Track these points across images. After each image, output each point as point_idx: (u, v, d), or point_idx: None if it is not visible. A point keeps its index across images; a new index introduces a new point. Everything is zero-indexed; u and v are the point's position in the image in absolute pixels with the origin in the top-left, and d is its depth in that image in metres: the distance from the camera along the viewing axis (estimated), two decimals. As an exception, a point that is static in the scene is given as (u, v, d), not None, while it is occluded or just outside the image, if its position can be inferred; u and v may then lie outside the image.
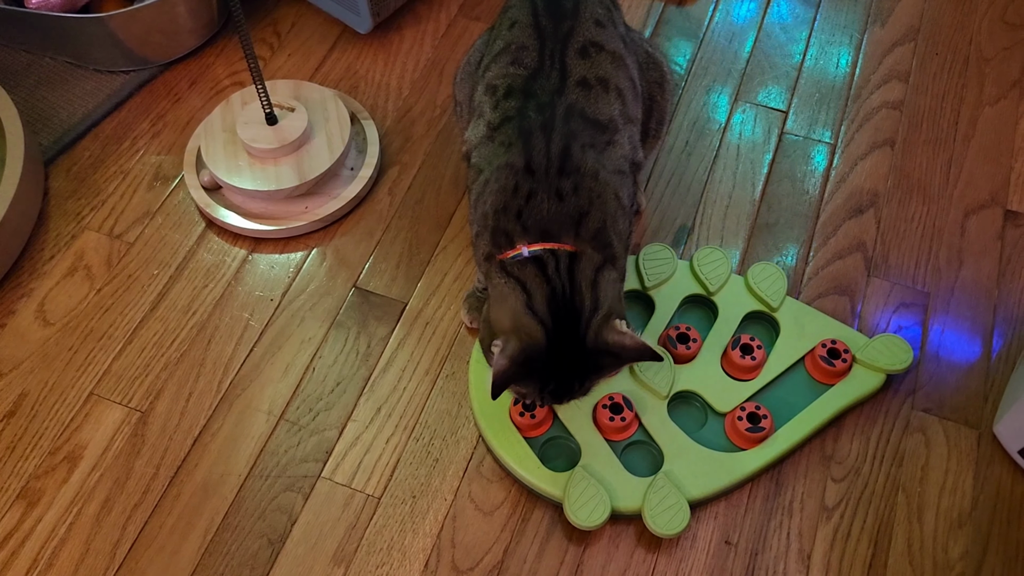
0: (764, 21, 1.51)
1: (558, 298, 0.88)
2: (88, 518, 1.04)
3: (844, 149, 1.35)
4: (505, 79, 0.97)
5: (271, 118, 1.25)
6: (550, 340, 0.87)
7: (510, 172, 0.92)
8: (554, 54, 0.96)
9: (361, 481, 1.06)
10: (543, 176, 0.91)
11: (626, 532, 1.02)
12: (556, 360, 0.88)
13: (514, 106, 0.95)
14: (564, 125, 0.93)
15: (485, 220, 0.94)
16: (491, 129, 0.96)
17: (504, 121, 0.95)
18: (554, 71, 0.95)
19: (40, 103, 1.40)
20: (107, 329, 1.18)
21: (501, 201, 0.92)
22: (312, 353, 1.16)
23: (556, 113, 0.93)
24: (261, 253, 1.25)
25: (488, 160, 0.96)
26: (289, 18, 1.53)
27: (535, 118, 0.93)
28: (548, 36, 0.97)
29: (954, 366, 1.14)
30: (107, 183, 1.32)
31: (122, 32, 1.38)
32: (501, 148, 0.94)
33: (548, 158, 0.91)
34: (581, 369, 0.90)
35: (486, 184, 0.95)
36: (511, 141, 0.94)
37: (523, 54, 0.97)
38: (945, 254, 1.24)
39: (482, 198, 0.95)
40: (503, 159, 0.93)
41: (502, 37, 1.01)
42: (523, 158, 0.92)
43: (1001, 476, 1.06)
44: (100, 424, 1.10)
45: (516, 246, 0.91)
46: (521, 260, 0.90)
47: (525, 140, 0.93)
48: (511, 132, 0.94)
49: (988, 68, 1.44)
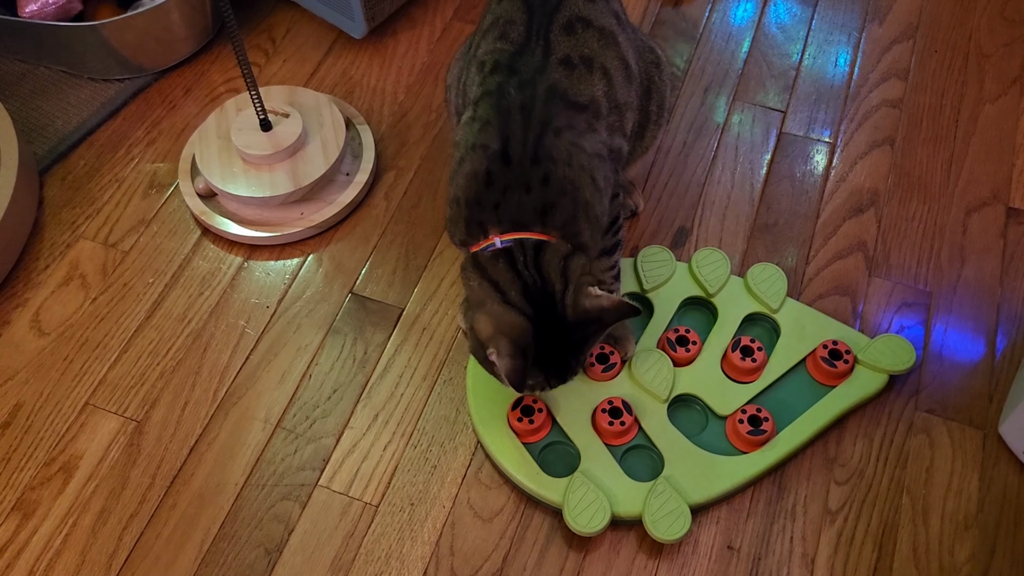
0: (761, 21, 1.50)
1: (531, 289, 0.91)
2: (84, 529, 1.03)
3: (844, 148, 1.34)
4: (492, 54, 0.96)
5: (265, 124, 1.25)
6: (535, 325, 0.89)
7: (483, 156, 0.92)
8: (540, 29, 0.94)
9: (359, 489, 1.05)
10: (518, 167, 0.91)
11: (627, 538, 1.01)
12: (546, 342, 0.90)
13: (496, 81, 0.94)
14: (544, 107, 0.92)
15: (458, 207, 0.94)
16: (473, 105, 0.96)
17: (484, 95, 0.94)
18: (538, 47, 0.94)
19: (35, 112, 1.40)
20: (102, 338, 1.17)
21: (474, 190, 0.92)
22: (308, 360, 1.15)
23: (536, 93, 0.92)
24: (257, 260, 1.25)
25: (466, 138, 0.95)
26: (284, 24, 1.52)
27: (515, 96, 0.92)
28: (536, 10, 0.95)
29: (958, 366, 1.13)
30: (102, 191, 1.32)
31: (116, 40, 1.38)
32: (477, 125, 0.93)
33: (524, 145, 0.91)
34: (571, 344, 0.92)
35: (460, 163, 0.94)
36: (488, 119, 0.93)
37: (510, 28, 0.96)
38: (947, 252, 1.23)
39: (455, 179, 0.95)
40: (478, 139, 0.93)
41: (491, 11, 1.00)
42: (499, 142, 0.91)
43: (1007, 477, 1.05)
44: (96, 434, 1.10)
45: (490, 236, 0.92)
46: (493, 254, 0.91)
47: (503, 120, 0.92)
48: (489, 109, 0.93)
49: (988, 65, 1.42)
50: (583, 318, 0.90)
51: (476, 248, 0.93)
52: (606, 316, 0.91)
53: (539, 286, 0.90)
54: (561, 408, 1.07)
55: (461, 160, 0.95)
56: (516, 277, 0.90)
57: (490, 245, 0.92)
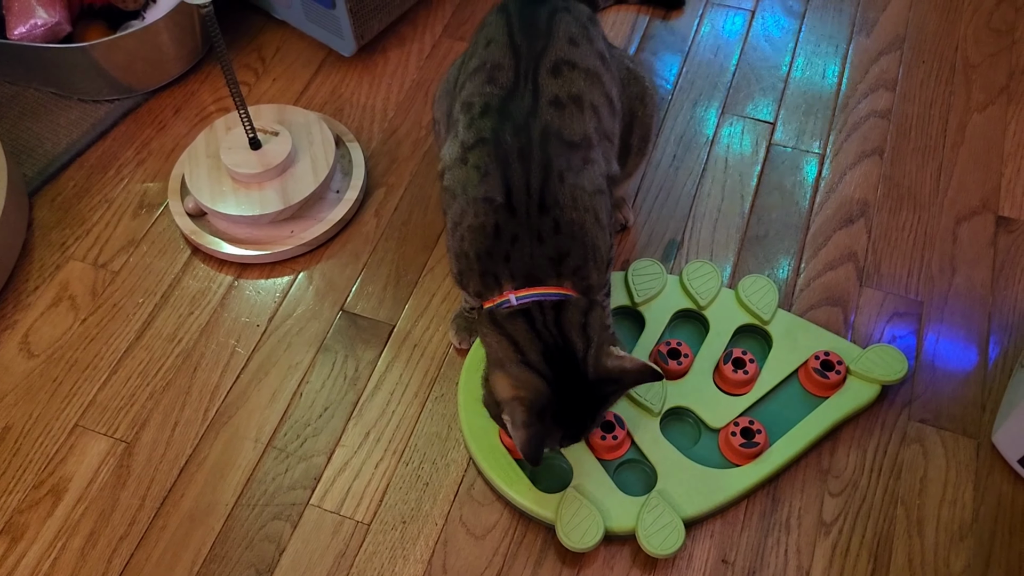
0: (749, 34, 1.51)
1: (551, 349, 0.89)
2: (73, 552, 1.02)
3: (833, 159, 1.34)
4: (481, 97, 0.96)
5: (255, 143, 1.25)
6: (554, 388, 0.88)
7: (489, 208, 0.91)
8: (528, 73, 0.95)
9: (350, 508, 1.04)
10: (524, 216, 0.90)
11: (620, 553, 1.00)
12: (565, 402, 0.88)
13: (489, 126, 0.93)
14: (541, 151, 0.91)
15: (468, 261, 0.93)
16: (464, 149, 0.95)
17: (479, 142, 0.94)
18: (527, 91, 0.94)
19: (24, 134, 1.40)
20: (92, 359, 1.17)
21: (484, 244, 0.92)
22: (299, 378, 1.15)
23: (532, 137, 0.92)
24: (247, 279, 1.24)
25: (462, 185, 0.94)
26: (274, 43, 1.52)
27: (511, 143, 0.92)
28: (523, 55, 0.96)
29: (950, 375, 1.13)
30: (92, 212, 1.31)
31: (105, 61, 1.38)
32: (476, 174, 0.93)
33: (528, 193, 0.90)
34: (589, 405, 0.90)
35: (462, 215, 0.93)
36: (487, 169, 0.92)
37: (498, 73, 0.96)
38: (938, 262, 1.23)
39: (458, 231, 0.94)
40: (479, 191, 0.92)
41: (478, 55, 1.00)
42: (502, 193, 0.91)
43: (1002, 486, 1.04)
44: (85, 456, 1.09)
45: (504, 291, 0.91)
46: (510, 312, 0.90)
47: (503, 170, 0.91)
48: (486, 158, 0.92)
49: (975, 74, 1.43)
50: (604, 378, 0.89)
51: (491, 304, 0.92)
52: (627, 378, 0.90)
53: (560, 346, 0.89)
54: (553, 423, 1.06)
55: (463, 212, 0.93)
56: (536, 337, 0.89)
57: (505, 302, 0.91)
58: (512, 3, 1.02)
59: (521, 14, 1.00)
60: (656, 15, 1.54)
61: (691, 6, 1.55)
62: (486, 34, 1.01)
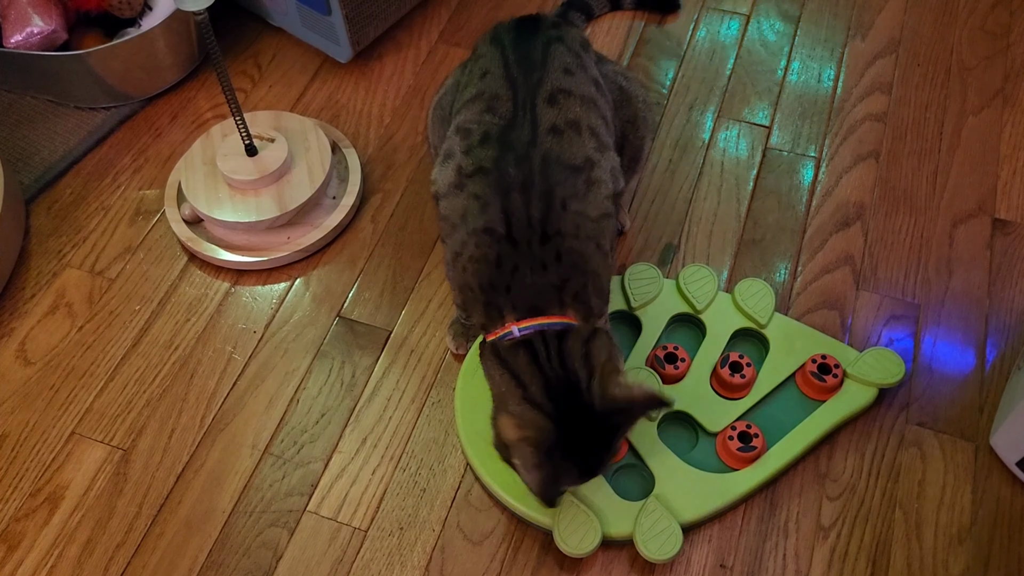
0: (745, 38, 1.51)
1: (553, 383, 0.87)
2: (70, 560, 1.02)
3: (829, 163, 1.34)
4: (480, 125, 0.95)
5: (251, 149, 1.25)
6: (559, 424, 0.85)
7: (491, 240, 0.90)
8: (525, 104, 0.95)
9: (347, 514, 1.04)
10: (526, 247, 0.90)
11: (618, 558, 1.00)
12: (574, 437, 0.86)
13: (490, 156, 0.93)
14: (543, 180, 0.91)
15: (472, 293, 0.93)
16: (461, 176, 0.94)
17: (478, 171, 0.93)
18: (526, 121, 0.94)
19: (21, 142, 1.40)
20: (89, 367, 1.17)
21: (486, 275, 0.91)
22: (296, 385, 1.14)
23: (533, 166, 0.92)
24: (244, 285, 1.24)
25: (461, 215, 0.93)
26: (270, 50, 1.53)
27: (514, 174, 0.91)
28: (519, 87, 0.96)
29: (948, 378, 1.13)
30: (88, 220, 1.31)
31: (102, 69, 1.38)
32: (475, 204, 0.92)
33: (530, 224, 0.90)
34: (600, 437, 0.88)
35: (463, 246, 0.93)
36: (487, 200, 0.91)
37: (497, 103, 0.96)
38: (934, 265, 1.23)
39: (460, 261, 0.93)
40: (479, 222, 0.91)
41: (473, 85, 1.00)
42: (503, 225, 0.90)
43: (1000, 489, 1.04)
44: (82, 464, 1.09)
45: (506, 323, 0.90)
46: (512, 345, 0.89)
47: (503, 201, 0.91)
48: (487, 188, 0.92)
49: (970, 77, 1.43)
50: (611, 409, 0.86)
51: (494, 336, 0.91)
52: (636, 407, 0.87)
53: (562, 379, 0.87)
54: (550, 428, 1.06)
55: (463, 243, 0.93)
56: (538, 371, 0.87)
57: (507, 333, 0.89)
58: (505, 35, 1.02)
59: (515, 46, 1.00)
60: (652, 20, 1.54)
61: (686, 11, 1.55)
62: (481, 66, 1.01)
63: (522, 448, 0.86)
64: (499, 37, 1.03)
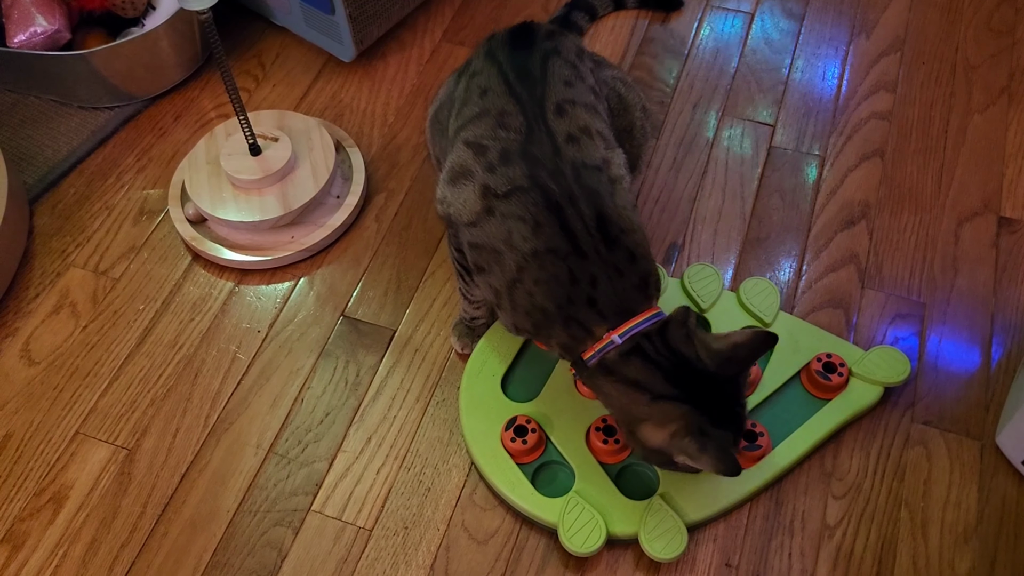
0: (749, 36, 1.51)
1: (672, 372, 0.88)
2: (74, 560, 1.02)
3: (834, 161, 1.34)
4: (496, 141, 0.94)
5: (255, 149, 1.25)
6: (694, 403, 0.87)
7: (556, 259, 0.89)
8: (536, 118, 0.95)
9: (352, 513, 1.04)
10: (595, 256, 0.90)
11: (624, 557, 1.00)
12: (713, 410, 0.88)
13: (521, 173, 0.92)
14: (580, 187, 0.91)
15: (547, 315, 0.91)
16: (491, 198, 0.92)
17: (515, 191, 0.91)
18: (543, 135, 0.94)
19: (25, 142, 1.40)
20: (93, 367, 1.17)
21: (562, 294, 0.90)
22: (301, 384, 1.14)
23: (567, 176, 0.92)
24: (248, 285, 1.24)
25: (504, 240, 0.91)
26: (274, 49, 1.53)
27: (556, 189, 0.91)
28: (525, 102, 0.96)
29: (953, 377, 1.12)
30: (92, 219, 1.31)
31: (105, 68, 1.38)
32: (522, 226, 0.90)
33: (590, 233, 0.90)
34: (729, 395, 0.89)
35: (521, 271, 0.91)
36: (538, 220, 0.90)
37: (507, 118, 0.95)
38: (940, 263, 1.22)
39: (521, 288, 0.91)
40: (535, 243, 0.90)
41: (473, 103, 0.99)
42: (566, 241, 0.90)
43: (1006, 488, 1.04)
44: (86, 463, 1.09)
45: (599, 335, 0.90)
46: (620, 355, 0.89)
47: (558, 217, 0.90)
48: (531, 208, 0.90)
49: (975, 75, 1.43)
50: (724, 363, 0.88)
51: (590, 352, 0.90)
52: (741, 351, 0.88)
53: (677, 364, 0.88)
54: (555, 428, 1.06)
55: (520, 268, 0.91)
56: (655, 368, 0.88)
57: (608, 344, 0.89)
58: (500, 51, 1.02)
59: (513, 62, 0.99)
60: (656, 18, 1.54)
61: (690, 9, 1.55)
62: (479, 83, 1.00)
63: (678, 442, 0.86)
64: (493, 52, 1.02)
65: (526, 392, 1.10)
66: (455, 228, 0.99)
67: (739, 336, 0.89)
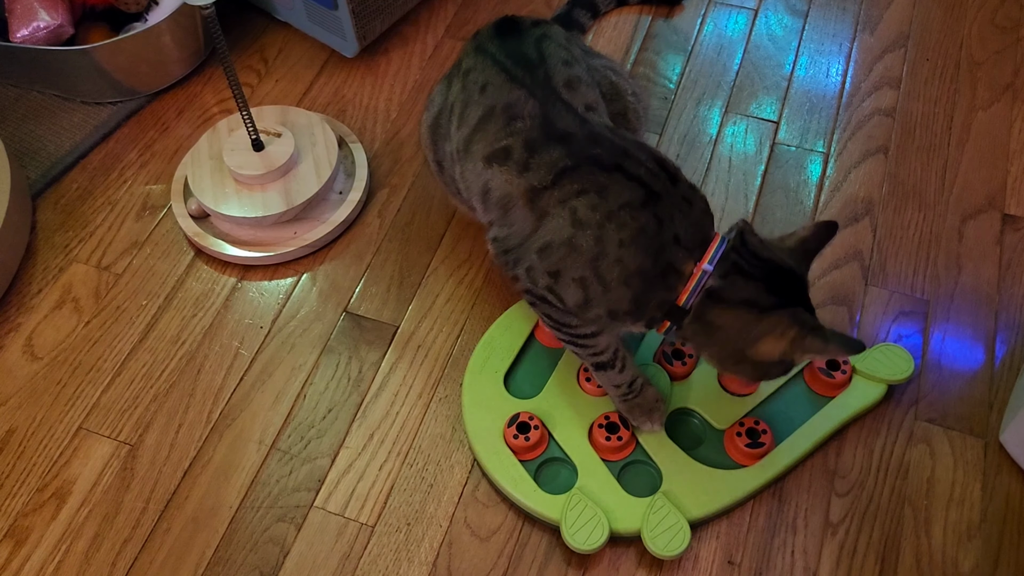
0: (752, 32, 1.51)
1: (770, 280, 0.90)
2: (77, 556, 1.02)
3: (837, 158, 1.34)
4: (514, 136, 0.93)
5: (257, 144, 1.25)
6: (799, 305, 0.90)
7: (634, 212, 0.88)
8: (548, 96, 0.94)
9: (354, 510, 1.04)
10: (668, 195, 0.90)
11: (626, 554, 1.00)
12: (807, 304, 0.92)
13: (560, 154, 0.91)
14: (622, 141, 0.93)
15: (642, 276, 0.89)
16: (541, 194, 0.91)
17: (562, 175, 0.90)
18: (562, 109, 0.93)
19: (27, 136, 1.40)
20: (95, 362, 1.17)
21: (653, 242, 0.88)
22: (303, 380, 1.14)
23: (604, 136, 0.92)
24: (250, 280, 1.24)
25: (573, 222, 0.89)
26: (276, 44, 1.52)
27: (601, 152, 0.91)
28: (530, 85, 0.95)
29: (957, 374, 1.12)
30: (95, 215, 1.31)
31: (108, 63, 1.38)
32: (586, 200, 0.89)
33: (654, 174, 0.90)
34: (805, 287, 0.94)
35: (600, 242, 0.88)
36: (599, 184, 0.89)
37: (516, 108, 0.94)
38: (943, 260, 1.22)
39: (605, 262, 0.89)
40: (607, 206, 0.88)
41: (475, 104, 0.98)
42: (640, 190, 0.89)
43: (1010, 486, 1.03)
44: (89, 459, 1.09)
45: (689, 273, 0.89)
46: (723, 279, 0.89)
47: (621, 173, 0.89)
48: (589, 179, 0.89)
49: (980, 72, 1.42)
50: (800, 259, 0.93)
51: (685, 294, 0.89)
52: (811, 244, 0.94)
53: (771, 270, 0.90)
54: (558, 424, 1.06)
55: (599, 239, 0.88)
56: (757, 282, 0.89)
57: (702, 277, 0.89)
58: (489, 43, 1.01)
59: (506, 51, 0.99)
60: (659, 15, 1.53)
61: (693, 5, 1.55)
62: (475, 80, 0.99)
63: (801, 343, 0.88)
64: (483, 46, 1.01)
65: (529, 389, 1.10)
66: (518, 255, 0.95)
67: (803, 231, 0.94)
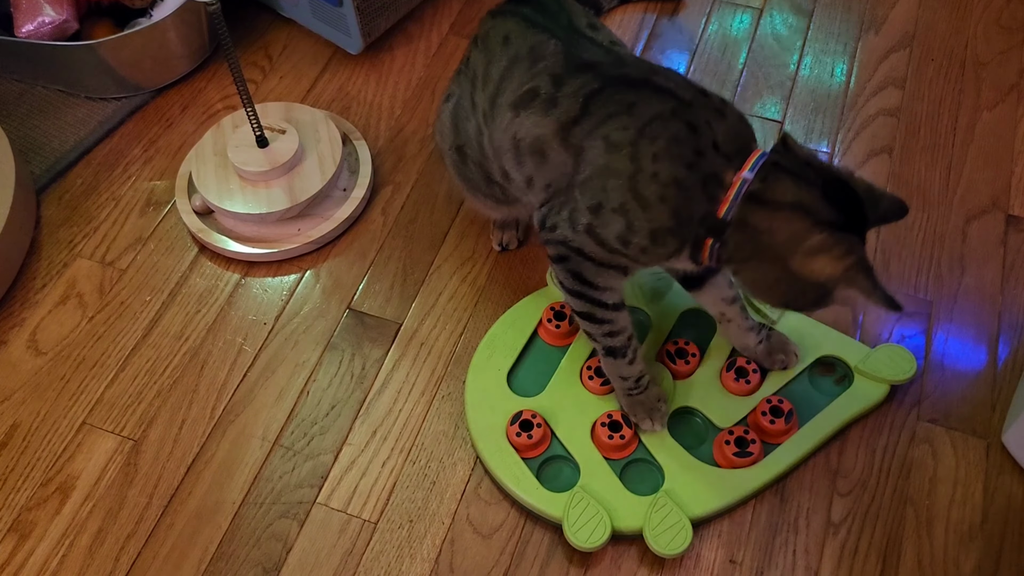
0: (757, 32, 1.51)
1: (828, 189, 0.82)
2: (81, 550, 1.02)
3: (842, 158, 1.34)
4: (540, 75, 0.91)
5: (262, 141, 1.25)
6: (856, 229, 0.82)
7: (666, 121, 0.85)
8: (573, 35, 0.94)
9: (357, 506, 1.04)
10: (699, 104, 0.86)
11: (628, 553, 1.00)
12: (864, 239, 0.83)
13: (588, 78, 0.89)
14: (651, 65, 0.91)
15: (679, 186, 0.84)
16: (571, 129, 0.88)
17: (591, 97, 0.88)
18: (587, 43, 0.93)
19: (32, 132, 1.40)
20: (99, 357, 1.17)
21: (688, 148, 0.84)
22: (306, 377, 1.15)
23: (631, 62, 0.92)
24: (254, 277, 1.24)
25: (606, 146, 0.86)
26: (281, 41, 1.52)
27: (629, 71, 0.90)
28: (553, 28, 0.94)
29: (959, 375, 1.12)
30: (99, 210, 1.31)
31: (113, 59, 1.38)
32: (615, 120, 0.86)
33: (683, 86, 0.88)
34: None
35: (635, 160, 0.84)
36: (627, 101, 0.86)
37: (540, 48, 0.93)
38: (947, 261, 1.22)
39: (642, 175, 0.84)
40: (637, 122, 0.85)
41: (498, 58, 0.97)
42: (670, 100, 0.86)
43: (1012, 486, 1.03)
44: (92, 454, 1.09)
45: (729, 182, 0.83)
46: (766, 180, 0.82)
47: (649, 88, 0.87)
48: (615, 96, 0.87)
49: (985, 72, 1.42)
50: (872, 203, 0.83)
51: (725, 204, 0.83)
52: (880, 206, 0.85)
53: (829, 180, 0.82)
54: (560, 422, 1.06)
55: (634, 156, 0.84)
56: (808, 187, 0.81)
57: (741, 185, 0.83)
58: (495, 15, 1.01)
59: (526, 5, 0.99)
60: (664, 13, 1.53)
61: (698, 4, 1.54)
62: (495, 37, 0.99)
63: (852, 276, 0.80)
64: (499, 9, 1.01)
65: (532, 386, 1.10)
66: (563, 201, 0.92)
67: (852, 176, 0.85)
